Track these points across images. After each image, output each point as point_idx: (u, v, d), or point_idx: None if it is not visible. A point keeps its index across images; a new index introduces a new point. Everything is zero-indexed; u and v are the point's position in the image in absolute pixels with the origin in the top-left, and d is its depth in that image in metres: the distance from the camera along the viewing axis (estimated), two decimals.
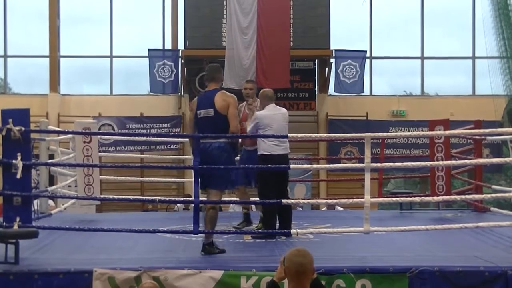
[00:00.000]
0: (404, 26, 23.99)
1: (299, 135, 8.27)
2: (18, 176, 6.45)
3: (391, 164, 8.55)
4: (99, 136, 13.40)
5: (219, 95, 7.27)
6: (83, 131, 9.96)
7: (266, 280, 5.88)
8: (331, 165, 8.39)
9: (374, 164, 8.02)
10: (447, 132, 9.85)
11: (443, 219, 9.83)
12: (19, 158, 6.46)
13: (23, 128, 6.52)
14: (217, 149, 7.14)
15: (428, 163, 9.34)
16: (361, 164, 7.76)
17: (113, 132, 18.16)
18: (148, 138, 16.29)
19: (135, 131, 18.50)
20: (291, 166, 8.10)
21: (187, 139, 13.65)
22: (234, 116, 7.26)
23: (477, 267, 6.15)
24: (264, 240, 7.88)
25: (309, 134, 8.59)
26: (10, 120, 6.49)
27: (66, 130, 11.85)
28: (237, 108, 7.48)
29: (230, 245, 7.73)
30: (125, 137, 17.59)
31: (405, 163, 8.25)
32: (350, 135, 9.83)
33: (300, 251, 4.50)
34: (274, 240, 7.87)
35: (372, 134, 7.71)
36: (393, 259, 6.65)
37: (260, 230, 8.36)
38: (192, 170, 7.19)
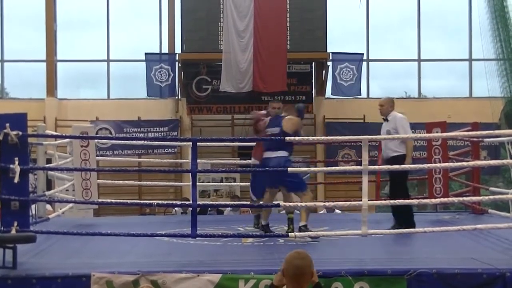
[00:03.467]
0: (401, 29, 24.03)
1: (296, 138, 8.28)
2: (16, 180, 6.44)
3: (389, 166, 8.53)
4: (96, 140, 13.40)
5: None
6: (81, 135, 9.95)
7: (265, 283, 5.88)
8: (328, 168, 8.42)
9: (372, 167, 8.03)
10: (444, 134, 9.85)
11: (440, 221, 9.84)
12: (16, 162, 6.45)
13: (20, 133, 6.52)
14: None
15: (425, 165, 9.33)
16: (358, 167, 7.76)
17: (111, 136, 18.11)
18: (145, 142, 16.28)
19: (132, 135, 18.49)
20: (289, 169, 8.11)
21: (184, 143, 13.69)
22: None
23: (475, 269, 6.15)
24: (262, 243, 7.89)
25: (307, 137, 8.57)
26: (7, 124, 6.49)
27: (64, 135, 11.84)
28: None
29: (228, 248, 7.73)
30: (123, 141, 17.59)
31: (402, 165, 8.26)
32: (347, 138, 9.86)
33: (300, 253, 4.49)
34: (272, 243, 7.88)
35: (369, 137, 7.72)
36: (391, 261, 6.66)
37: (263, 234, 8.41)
38: (190, 173, 7.19)
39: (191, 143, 7.42)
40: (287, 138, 7.99)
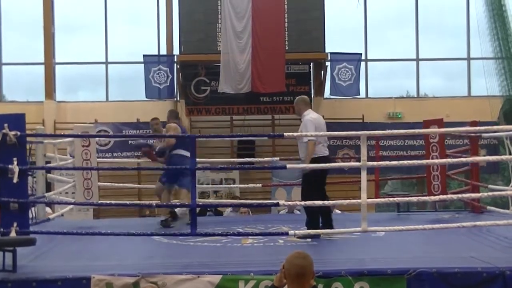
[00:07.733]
0: (399, 28, 24.01)
1: (295, 134, 8.33)
2: (15, 181, 6.44)
3: (387, 162, 8.54)
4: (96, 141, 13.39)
5: None
6: (82, 134, 9.97)
7: (265, 284, 5.88)
8: (327, 164, 8.40)
9: (370, 163, 8.02)
10: (443, 129, 9.83)
11: (440, 221, 9.82)
12: (15, 163, 6.45)
13: (18, 133, 6.52)
14: None
15: (423, 161, 9.33)
16: (357, 163, 7.76)
17: (112, 134, 18.12)
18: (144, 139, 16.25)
19: None
20: (287, 165, 8.13)
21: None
22: None
23: (475, 267, 6.14)
24: (262, 244, 7.89)
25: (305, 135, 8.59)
26: (6, 125, 6.49)
27: (65, 134, 11.84)
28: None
29: (228, 249, 7.73)
30: (122, 143, 17.55)
31: (400, 161, 8.25)
32: (345, 133, 9.86)
33: (300, 253, 4.49)
34: (272, 243, 7.87)
35: (368, 132, 7.75)
36: (391, 261, 6.65)
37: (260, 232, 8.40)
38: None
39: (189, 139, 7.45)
40: None
